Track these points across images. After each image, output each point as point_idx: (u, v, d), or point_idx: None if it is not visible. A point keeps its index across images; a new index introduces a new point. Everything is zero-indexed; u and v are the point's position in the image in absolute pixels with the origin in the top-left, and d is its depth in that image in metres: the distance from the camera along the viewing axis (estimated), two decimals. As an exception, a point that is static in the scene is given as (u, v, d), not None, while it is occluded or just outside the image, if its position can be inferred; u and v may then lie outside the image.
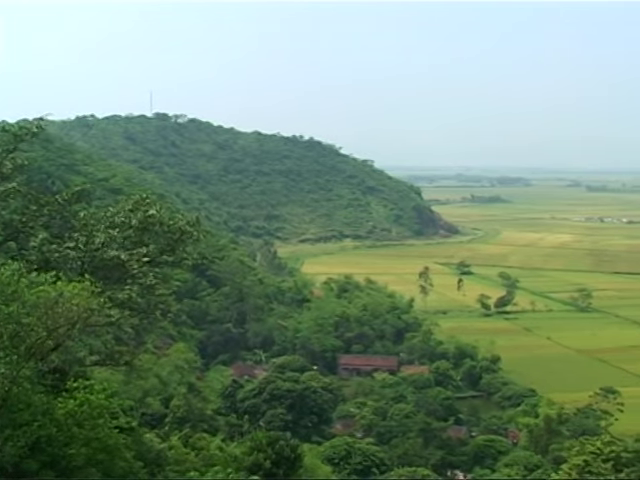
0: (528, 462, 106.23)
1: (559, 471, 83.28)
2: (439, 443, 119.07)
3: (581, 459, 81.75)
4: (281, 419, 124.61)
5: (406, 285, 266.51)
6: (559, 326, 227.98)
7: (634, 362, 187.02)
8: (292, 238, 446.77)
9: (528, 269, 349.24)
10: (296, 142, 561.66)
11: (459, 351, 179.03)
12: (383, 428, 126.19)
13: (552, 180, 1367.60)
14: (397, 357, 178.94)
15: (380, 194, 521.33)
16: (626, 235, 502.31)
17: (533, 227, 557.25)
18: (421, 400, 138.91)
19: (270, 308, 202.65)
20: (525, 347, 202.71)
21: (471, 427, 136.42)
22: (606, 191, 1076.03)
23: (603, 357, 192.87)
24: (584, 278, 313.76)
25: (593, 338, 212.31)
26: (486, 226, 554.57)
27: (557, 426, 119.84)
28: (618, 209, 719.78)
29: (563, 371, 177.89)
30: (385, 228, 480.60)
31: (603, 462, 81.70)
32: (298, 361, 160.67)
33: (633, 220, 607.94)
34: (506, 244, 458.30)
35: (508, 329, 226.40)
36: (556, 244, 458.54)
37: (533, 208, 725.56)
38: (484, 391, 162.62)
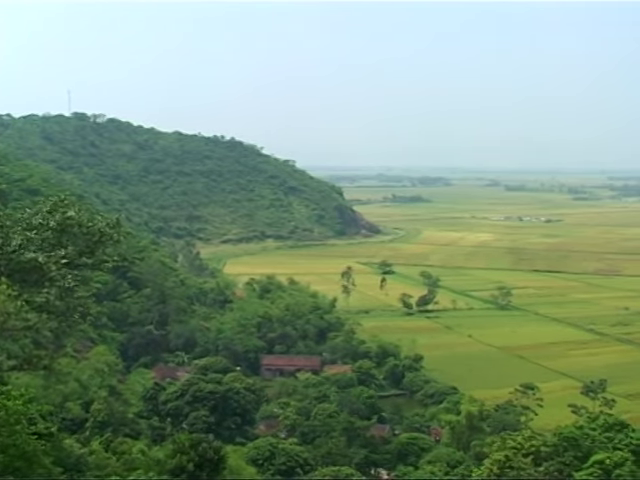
0: (450, 459, 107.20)
1: (481, 467, 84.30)
2: (362, 442, 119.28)
3: (502, 454, 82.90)
4: (204, 421, 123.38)
5: (329, 285, 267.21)
6: (480, 324, 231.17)
7: (553, 358, 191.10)
8: (214, 239, 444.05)
9: (449, 268, 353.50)
10: (217, 142, 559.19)
11: (382, 350, 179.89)
12: (307, 428, 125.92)
13: (472, 180, 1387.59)
14: (320, 357, 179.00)
15: (302, 194, 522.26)
16: (544, 234, 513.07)
17: (454, 226, 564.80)
18: (344, 399, 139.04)
19: (192, 309, 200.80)
20: (447, 345, 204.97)
21: (394, 425, 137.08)
22: (524, 190, 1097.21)
23: (523, 354, 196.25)
24: (504, 276, 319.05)
25: (513, 335, 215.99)
26: (407, 225, 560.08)
27: (478, 422, 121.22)
28: (536, 208, 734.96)
29: (484, 368, 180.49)
30: (307, 228, 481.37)
31: (523, 456, 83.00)
32: (221, 362, 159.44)
33: (551, 219, 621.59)
34: (427, 243, 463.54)
35: (430, 327, 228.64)
36: (476, 243, 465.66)
37: (454, 207, 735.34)
38: (407, 389, 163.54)
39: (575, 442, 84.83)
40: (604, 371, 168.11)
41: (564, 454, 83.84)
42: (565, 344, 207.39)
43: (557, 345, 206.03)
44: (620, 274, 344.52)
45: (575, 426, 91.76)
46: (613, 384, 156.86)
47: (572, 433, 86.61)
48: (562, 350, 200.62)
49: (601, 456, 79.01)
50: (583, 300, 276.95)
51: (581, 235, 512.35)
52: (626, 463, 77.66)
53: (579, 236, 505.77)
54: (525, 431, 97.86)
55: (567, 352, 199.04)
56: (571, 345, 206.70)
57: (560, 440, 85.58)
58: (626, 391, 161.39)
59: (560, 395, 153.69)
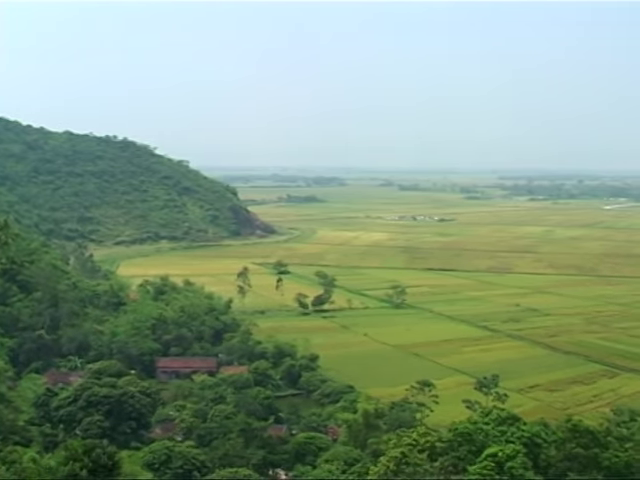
0: (348, 457, 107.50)
1: (378, 464, 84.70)
2: (260, 443, 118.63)
3: (398, 451, 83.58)
4: (98, 426, 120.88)
5: (224, 286, 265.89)
6: (375, 323, 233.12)
7: (447, 355, 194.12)
8: (107, 240, 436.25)
9: (344, 267, 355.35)
10: (109, 142, 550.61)
11: (278, 350, 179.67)
12: (203, 430, 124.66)
13: (366, 179, 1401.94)
14: (216, 358, 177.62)
15: (196, 195, 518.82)
16: (438, 233, 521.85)
17: (348, 226, 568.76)
18: (241, 400, 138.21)
19: (85, 313, 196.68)
20: (343, 344, 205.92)
21: (292, 425, 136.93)
22: (418, 190, 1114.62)
23: (418, 351, 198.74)
24: (399, 275, 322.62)
25: (408, 333, 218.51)
26: (302, 225, 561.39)
27: (375, 420, 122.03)
28: (430, 207, 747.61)
29: (380, 367, 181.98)
30: (201, 229, 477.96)
31: (419, 452, 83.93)
32: (115, 366, 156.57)
33: (444, 218, 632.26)
34: (322, 243, 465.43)
35: (326, 327, 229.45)
36: (371, 242, 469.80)
37: (348, 207, 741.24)
38: (304, 389, 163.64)
39: (469, 437, 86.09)
40: (496, 367, 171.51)
41: (459, 449, 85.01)
42: (459, 341, 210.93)
43: (451, 342, 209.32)
44: (511, 272, 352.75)
45: (469, 421, 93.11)
46: (505, 379, 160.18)
47: (466, 428, 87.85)
48: (456, 347, 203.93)
49: (494, 449, 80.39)
50: (476, 297, 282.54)
51: (474, 234, 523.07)
52: (518, 455, 79.28)
53: (472, 235, 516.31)
54: (420, 427, 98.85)
55: (461, 349, 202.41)
56: (465, 342, 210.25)
57: (455, 435, 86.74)
58: (517, 385, 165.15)
59: (455, 391, 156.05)
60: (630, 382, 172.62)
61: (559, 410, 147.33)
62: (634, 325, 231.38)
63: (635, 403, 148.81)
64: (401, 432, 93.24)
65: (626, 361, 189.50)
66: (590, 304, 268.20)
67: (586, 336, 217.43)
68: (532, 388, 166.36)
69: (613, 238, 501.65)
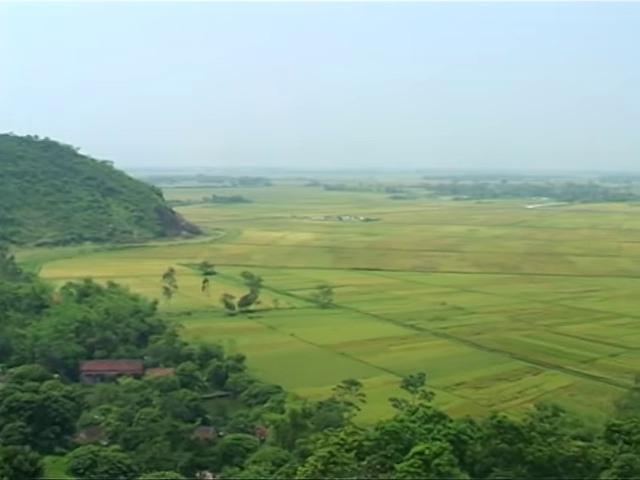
0: (276, 457, 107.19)
1: (306, 464, 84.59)
2: (187, 445, 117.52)
3: (326, 450, 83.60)
4: (20, 432, 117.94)
5: (150, 287, 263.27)
6: (302, 323, 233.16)
7: (374, 354, 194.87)
8: (28, 242, 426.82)
9: (271, 268, 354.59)
10: (31, 142, 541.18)
11: (204, 352, 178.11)
12: (129, 434, 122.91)
13: (292, 180, 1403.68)
14: (142, 360, 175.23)
15: (120, 195, 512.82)
16: (363, 232, 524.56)
17: (274, 226, 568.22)
18: (167, 403, 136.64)
19: (6, 316, 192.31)
20: (270, 345, 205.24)
21: (219, 427, 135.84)
22: (344, 190, 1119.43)
23: (345, 351, 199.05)
24: (325, 275, 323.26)
25: (335, 333, 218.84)
26: (228, 226, 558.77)
27: (302, 420, 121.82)
28: (355, 207, 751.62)
29: (307, 366, 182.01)
30: (126, 230, 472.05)
31: (347, 452, 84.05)
32: (38, 370, 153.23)
33: (370, 218, 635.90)
34: (248, 243, 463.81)
35: (253, 327, 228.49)
36: (297, 242, 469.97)
37: (274, 207, 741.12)
38: (231, 390, 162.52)
39: (396, 435, 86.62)
40: (423, 365, 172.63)
41: (386, 447, 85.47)
42: (385, 340, 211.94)
43: (378, 341, 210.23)
44: (436, 270, 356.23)
45: (396, 419, 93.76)
46: (431, 377, 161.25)
47: (393, 426, 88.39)
48: (383, 346, 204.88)
49: (421, 447, 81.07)
50: (402, 297, 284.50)
51: (399, 233, 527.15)
52: (444, 452, 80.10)
53: (397, 234, 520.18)
54: (348, 427, 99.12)
55: (387, 348, 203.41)
56: (391, 341, 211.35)
57: (382, 434, 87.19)
58: (443, 383, 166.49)
59: (382, 390, 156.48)
60: (553, 378, 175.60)
61: (484, 407, 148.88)
62: (557, 322, 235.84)
63: (558, 399, 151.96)
64: (329, 432, 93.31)
65: (550, 358, 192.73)
66: (514, 302, 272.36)
67: (510, 333, 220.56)
68: (458, 386, 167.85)
69: (535, 237, 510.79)
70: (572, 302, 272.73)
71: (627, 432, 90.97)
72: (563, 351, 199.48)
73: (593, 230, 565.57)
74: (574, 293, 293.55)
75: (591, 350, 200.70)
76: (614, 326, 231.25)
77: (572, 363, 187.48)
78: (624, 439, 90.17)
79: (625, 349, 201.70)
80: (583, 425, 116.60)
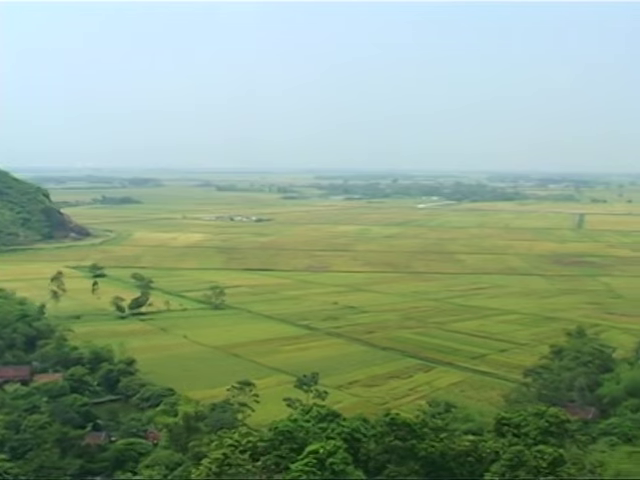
0: (169, 461, 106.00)
1: (200, 466, 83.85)
2: (77, 452, 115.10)
3: (220, 452, 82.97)
4: None
5: (37, 291, 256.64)
6: (195, 324, 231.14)
7: (267, 355, 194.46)
8: None
9: (162, 269, 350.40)
10: None
11: (95, 355, 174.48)
12: (17, 442, 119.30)
13: (183, 180, 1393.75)
14: (30, 366, 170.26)
15: (5, 197, 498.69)
16: (256, 232, 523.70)
17: (166, 227, 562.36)
18: (56, 409, 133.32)
19: None
20: (162, 347, 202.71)
21: (111, 432, 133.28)
22: (235, 190, 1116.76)
23: (238, 352, 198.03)
24: (217, 276, 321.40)
25: (228, 334, 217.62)
26: (118, 227, 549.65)
27: (196, 423, 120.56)
28: (247, 207, 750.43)
29: (200, 368, 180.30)
30: (12, 232, 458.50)
31: (241, 453, 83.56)
32: None
33: (262, 218, 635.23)
34: (139, 245, 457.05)
35: (144, 330, 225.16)
36: (189, 243, 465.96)
37: (165, 208, 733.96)
38: (122, 394, 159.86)
39: (290, 435, 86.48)
40: (316, 364, 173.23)
41: (280, 447, 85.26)
42: (279, 340, 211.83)
43: (271, 342, 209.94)
44: (329, 270, 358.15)
45: (290, 419, 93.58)
46: (325, 376, 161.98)
47: (287, 426, 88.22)
48: (276, 346, 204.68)
49: (315, 446, 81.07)
50: (294, 296, 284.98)
51: (291, 233, 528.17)
52: (339, 451, 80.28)
53: (289, 234, 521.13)
54: (242, 428, 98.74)
55: (281, 348, 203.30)
56: (284, 341, 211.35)
57: (276, 434, 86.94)
58: (337, 382, 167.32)
59: (276, 390, 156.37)
60: (445, 375, 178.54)
61: (377, 405, 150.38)
62: (447, 320, 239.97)
63: (449, 395, 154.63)
64: (222, 433, 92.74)
65: (441, 355, 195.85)
66: (405, 300, 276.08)
67: (402, 332, 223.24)
68: (351, 384, 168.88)
69: (426, 236, 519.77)
70: (462, 300, 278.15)
71: (516, 425, 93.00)
72: (454, 348, 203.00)
73: (482, 229, 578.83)
74: (464, 291, 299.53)
75: (481, 346, 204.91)
76: (503, 322, 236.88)
77: (463, 359, 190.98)
78: (513, 432, 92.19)
79: (513, 345, 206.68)
80: (474, 420, 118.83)
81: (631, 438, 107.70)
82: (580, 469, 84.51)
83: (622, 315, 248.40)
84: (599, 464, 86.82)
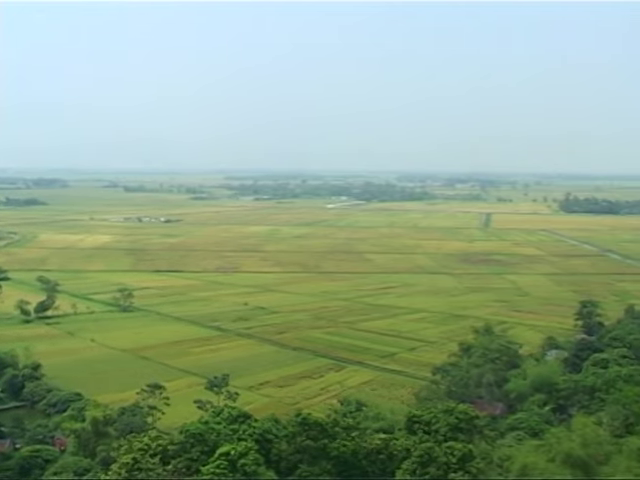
0: (77, 467, 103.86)
1: (109, 472, 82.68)
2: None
3: (130, 457, 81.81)
4: None
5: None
6: (103, 327, 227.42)
7: (177, 357, 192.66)
8: None
9: (69, 271, 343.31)
10: None
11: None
12: None
13: (90, 181, 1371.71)
14: None
15: None
16: (165, 234, 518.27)
17: (72, 229, 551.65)
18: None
19: None
20: (69, 351, 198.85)
21: (16, 439, 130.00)
22: (144, 191, 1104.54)
23: (148, 355, 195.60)
24: (126, 278, 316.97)
25: (137, 337, 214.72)
26: (23, 229, 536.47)
27: (104, 427, 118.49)
28: (156, 208, 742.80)
29: (109, 372, 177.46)
30: None
31: (151, 457, 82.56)
32: None
33: (171, 219, 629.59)
34: (45, 247, 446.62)
35: (51, 334, 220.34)
36: (96, 245, 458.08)
37: (72, 209, 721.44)
38: (28, 400, 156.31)
39: (201, 437, 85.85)
40: (227, 366, 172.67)
41: (191, 450, 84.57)
42: (189, 342, 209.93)
43: (181, 344, 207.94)
44: (239, 271, 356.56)
45: (201, 421, 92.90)
46: (236, 377, 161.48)
47: (198, 429, 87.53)
48: (186, 348, 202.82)
49: (226, 448, 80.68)
50: (205, 298, 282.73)
51: (201, 234, 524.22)
52: (250, 452, 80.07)
53: (199, 235, 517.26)
54: (152, 431, 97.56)
55: (191, 350, 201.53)
56: (195, 343, 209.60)
57: (186, 437, 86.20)
58: (248, 383, 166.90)
59: (186, 392, 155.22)
60: (355, 374, 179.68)
61: (289, 405, 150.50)
62: (358, 319, 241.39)
63: (361, 393, 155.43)
64: (132, 437, 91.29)
65: (351, 354, 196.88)
66: (316, 300, 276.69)
67: (313, 332, 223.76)
68: (262, 385, 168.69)
69: (335, 236, 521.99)
70: (372, 299, 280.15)
71: (426, 422, 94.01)
72: (364, 347, 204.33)
73: (391, 228, 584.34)
74: (373, 290, 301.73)
75: (391, 345, 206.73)
76: (412, 321, 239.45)
77: (373, 358, 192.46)
78: (423, 429, 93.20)
79: (423, 343, 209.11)
80: (385, 418, 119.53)
81: (537, 432, 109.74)
82: (489, 463, 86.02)
83: (528, 312, 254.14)
84: (506, 458, 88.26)
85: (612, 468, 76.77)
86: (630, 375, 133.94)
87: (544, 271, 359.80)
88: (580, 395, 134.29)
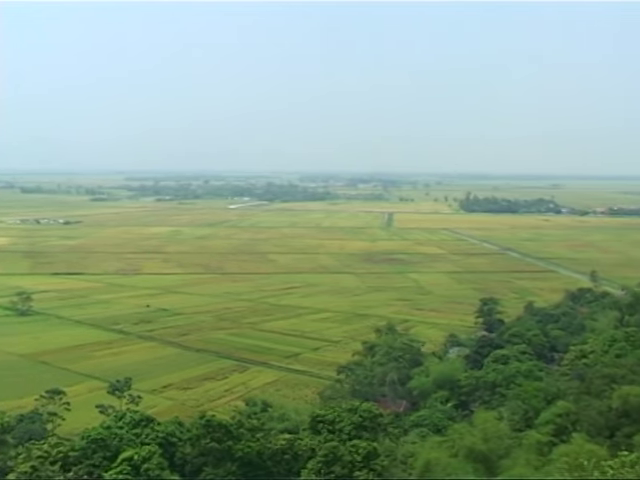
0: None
1: None
2: None
3: (28, 465, 80.00)
4: None
5: None
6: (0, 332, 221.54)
7: (78, 361, 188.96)
8: None
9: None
10: None
11: None
12: None
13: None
14: None
15: None
16: (63, 236, 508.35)
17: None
18: None
19: None
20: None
21: None
22: (41, 192, 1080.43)
23: (47, 359, 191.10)
24: (23, 281, 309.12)
25: (36, 341, 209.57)
26: None
27: (2, 435, 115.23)
28: (54, 210, 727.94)
29: (6, 378, 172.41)
30: None
31: (51, 464, 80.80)
32: None
33: (70, 220, 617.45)
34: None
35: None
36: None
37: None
38: None
39: (103, 442, 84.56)
40: (130, 369, 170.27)
41: (93, 456, 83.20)
42: (90, 346, 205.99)
43: (82, 347, 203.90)
44: (140, 273, 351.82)
45: (102, 426, 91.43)
46: (139, 381, 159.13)
47: (100, 434, 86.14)
48: (87, 352, 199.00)
49: (129, 453, 79.74)
50: (106, 300, 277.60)
51: (101, 236, 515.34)
52: (154, 456, 79.26)
53: (99, 237, 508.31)
54: (52, 438, 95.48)
55: (92, 354, 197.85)
56: (96, 346, 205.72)
57: (88, 443, 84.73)
58: (151, 386, 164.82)
59: (88, 397, 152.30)
60: (259, 375, 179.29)
61: (193, 407, 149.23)
62: (261, 320, 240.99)
63: (265, 394, 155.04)
64: (31, 445, 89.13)
65: (255, 355, 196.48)
66: (219, 301, 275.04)
67: (216, 333, 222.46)
68: (165, 388, 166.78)
69: (238, 236, 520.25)
70: (275, 299, 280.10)
71: (331, 422, 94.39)
72: (268, 347, 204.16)
73: (293, 228, 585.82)
74: (277, 290, 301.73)
75: (295, 345, 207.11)
76: (316, 321, 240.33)
77: (277, 359, 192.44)
78: (328, 428, 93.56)
79: (327, 342, 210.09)
80: (290, 418, 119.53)
81: (440, 429, 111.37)
82: (393, 461, 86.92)
83: (430, 310, 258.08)
84: (410, 455, 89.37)
85: (512, 461, 78.40)
86: (529, 371, 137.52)
87: (446, 269, 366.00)
88: (481, 391, 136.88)
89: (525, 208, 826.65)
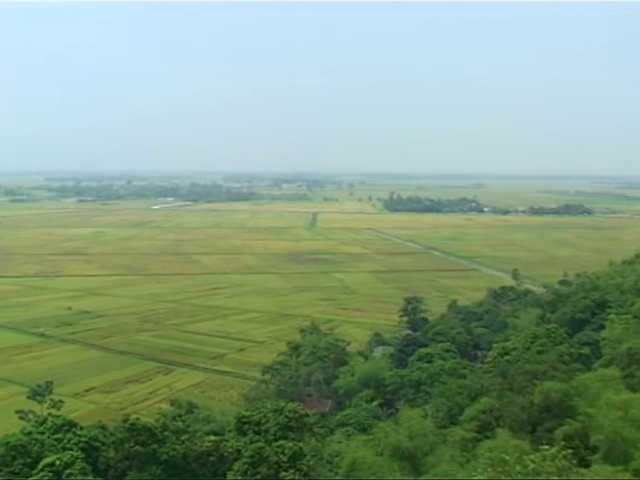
0: None
1: None
2: None
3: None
4: None
5: None
6: None
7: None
8: None
9: None
10: None
11: None
12: None
13: None
14: None
15: None
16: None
17: None
18: None
19: None
20: None
21: None
22: None
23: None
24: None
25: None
26: None
27: None
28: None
29: None
30: None
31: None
32: None
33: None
34: None
35: None
36: None
37: None
38: None
39: (23, 449, 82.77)
40: (51, 373, 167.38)
41: (13, 463, 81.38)
42: (9, 350, 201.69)
43: (1, 351, 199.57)
44: (61, 275, 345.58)
45: (23, 432, 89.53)
46: (60, 385, 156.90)
47: (20, 440, 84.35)
48: (6, 356, 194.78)
49: (51, 459, 78.33)
50: (25, 303, 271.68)
51: (20, 237, 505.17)
52: (76, 462, 78.00)
53: (17, 238, 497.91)
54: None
55: (11, 358, 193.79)
56: (15, 350, 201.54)
57: (7, 449, 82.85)
58: (73, 390, 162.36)
59: (7, 402, 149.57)
60: (184, 376, 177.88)
61: (116, 411, 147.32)
62: (186, 321, 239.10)
63: (190, 396, 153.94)
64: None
65: (179, 356, 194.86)
66: (143, 303, 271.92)
67: (140, 335, 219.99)
68: (88, 391, 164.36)
69: (162, 237, 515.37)
70: (200, 300, 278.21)
71: (256, 423, 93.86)
72: (193, 349, 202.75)
73: (218, 229, 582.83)
74: (201, 291, 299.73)
75: (220, 346, 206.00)
76: (241, 321, 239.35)
77: (202, 360, 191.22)
78: (254, 429, 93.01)
79: (252, 343, 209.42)
80: (215, 420, 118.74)
81: (366, 427, 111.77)
82: (319, 460, 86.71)
83: (355, 310, 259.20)
84: (336, 454, 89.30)
85: (437, 458, 78.91)
86: (453, 368, 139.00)
87: (370, 269, 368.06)
88: (406, 389, 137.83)
89: (448, 207, 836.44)
